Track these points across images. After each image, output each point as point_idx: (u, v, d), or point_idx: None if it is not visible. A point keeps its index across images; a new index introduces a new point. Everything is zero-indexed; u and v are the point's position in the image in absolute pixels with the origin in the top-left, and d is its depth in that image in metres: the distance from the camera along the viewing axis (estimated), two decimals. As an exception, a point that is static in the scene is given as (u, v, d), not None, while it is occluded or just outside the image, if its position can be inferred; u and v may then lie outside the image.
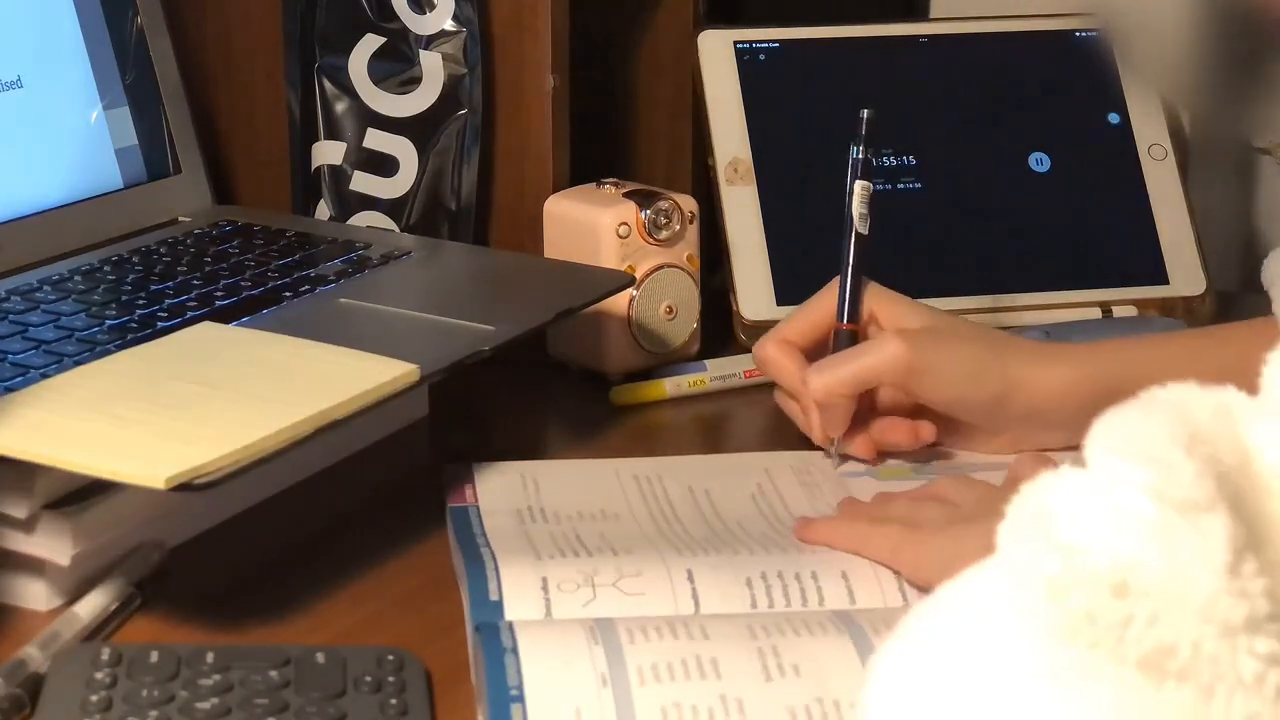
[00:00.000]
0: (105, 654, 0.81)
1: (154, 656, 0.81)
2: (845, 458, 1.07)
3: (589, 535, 0.96)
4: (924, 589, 0.87)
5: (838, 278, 1.10)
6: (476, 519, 0.98)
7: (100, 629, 0.88)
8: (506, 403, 1.19)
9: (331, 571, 0.95)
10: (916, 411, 1.07)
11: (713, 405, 1.18)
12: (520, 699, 0.77)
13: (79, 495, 0.91)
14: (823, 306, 1.10)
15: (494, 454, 1.06)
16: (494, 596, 0.88)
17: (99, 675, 0.79)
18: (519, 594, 0.88)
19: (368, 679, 0.80)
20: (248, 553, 0.98)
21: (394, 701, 0.79)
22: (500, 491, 1.01)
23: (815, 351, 1.09)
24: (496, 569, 0.90)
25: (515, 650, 0.80)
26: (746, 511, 1.00)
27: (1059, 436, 1.05)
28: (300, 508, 1.03)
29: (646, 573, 0.90)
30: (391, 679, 0.81)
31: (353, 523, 1.02)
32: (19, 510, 0.89)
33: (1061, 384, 1.04)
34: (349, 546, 0.98)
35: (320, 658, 0.82)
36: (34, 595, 0.91)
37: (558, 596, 0.88)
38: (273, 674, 0.80)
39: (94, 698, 0.78)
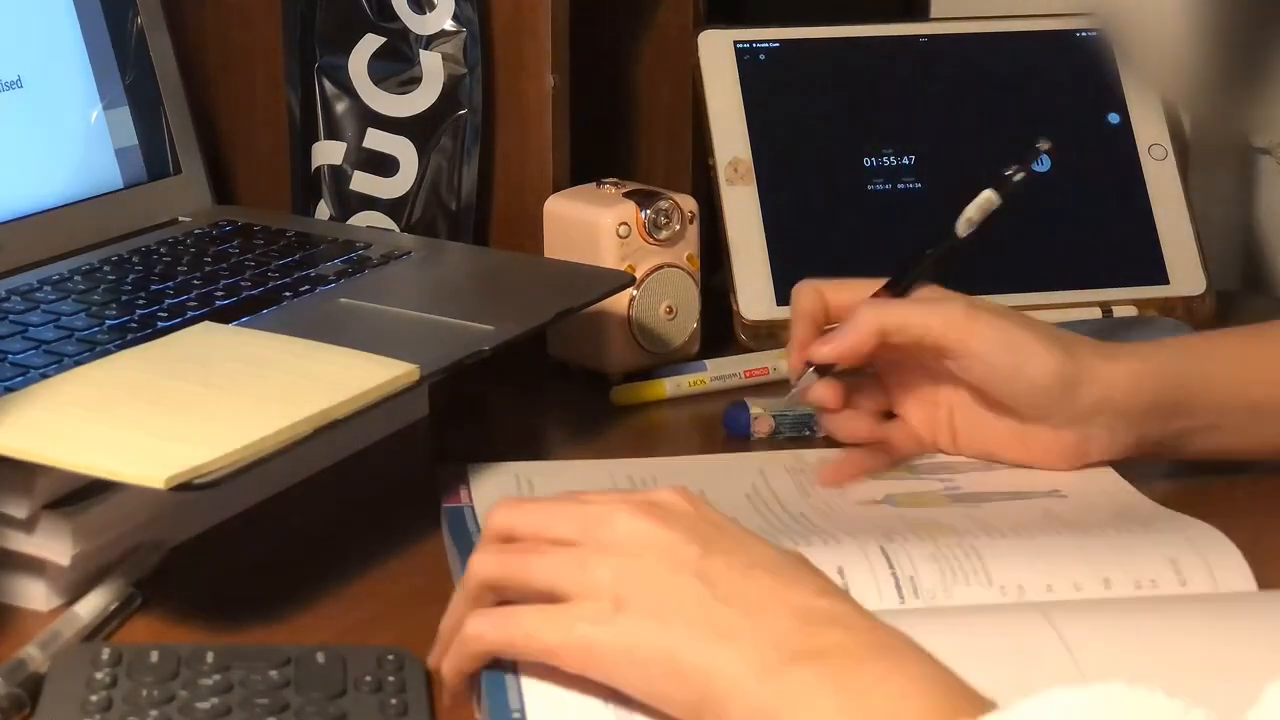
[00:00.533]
0: (105, 654, 0.81)
1: (154, 656, 0.81)
2: (805, 394, 1.04)
3: None
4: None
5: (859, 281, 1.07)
6: (471, 519, 0.98)
7: (100, 629, 0.88)
8: (506, 403, 1.19)
9: (331, 571, 0.95)
10: (949, 415, 1.04)
11: (713, 405, 1.17)
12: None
13: (79, 495, 0.91)
14: (869, 284, 1.06)
15: (494, 454, 1.06)
16: None
17: (99, 675, 0.79)
18: None
19: (368, 679, 0.80)
20: (248, 553, 0.98)
21: (394, 701, 0.79)
22: (495, 492, 1.01)
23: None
24: None
25: (515, 673, 0.78)
26: (742, 509, 1.00)
27: (1128, 443, 1.02)
28: (300, 508, 1.03)
29: None
30: (392, 679, 0.81)
31: (353, 523, 1.02)
32: (19, 510, 0.89)
33: (1132, 377, 1.00)
34: (349, 546, 0.98)
35: (320, 658, 0.81)
36: (34, 595, 0.91)
37: None
38: (273, 674, 0.80)
39: (94, 697, 0.78)
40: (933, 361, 1.03)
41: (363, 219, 1.27)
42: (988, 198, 1.07)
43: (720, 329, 1.26)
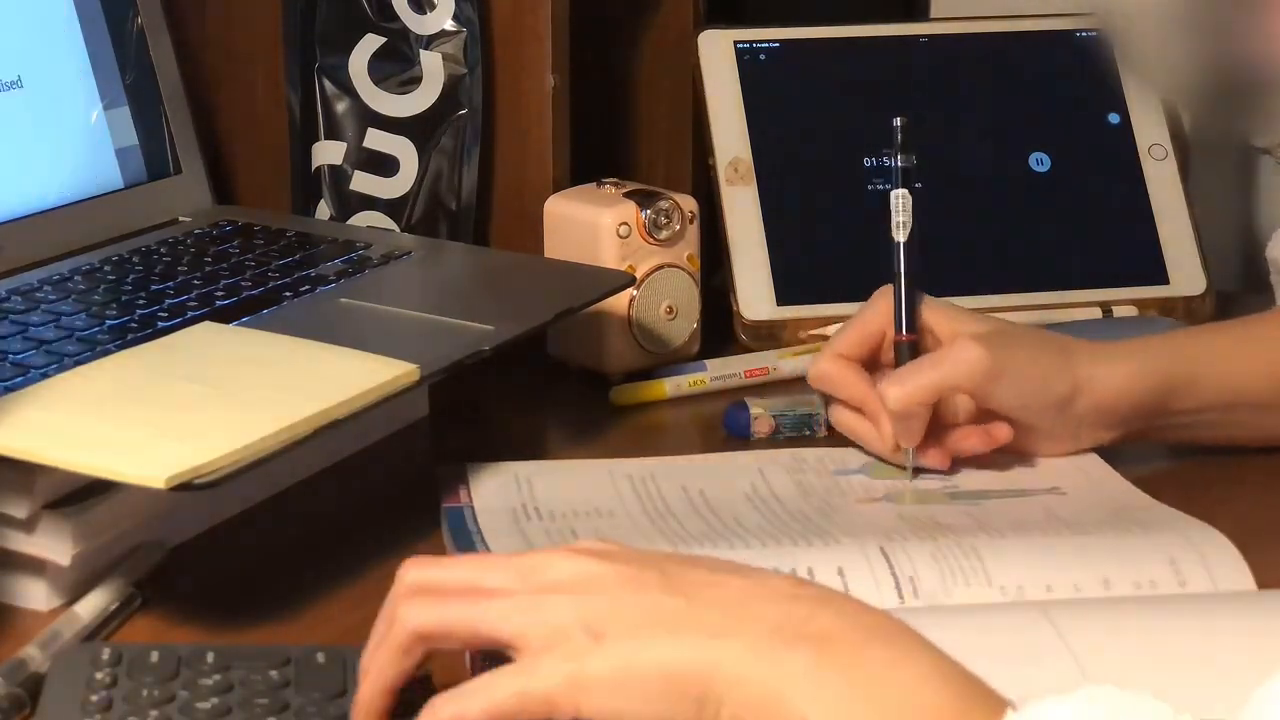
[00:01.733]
0: (105, 654, 0.81)
1: (154, 656, 0.81)
2: (919, 470, 1.05)
3: (585, 531, 0.96)
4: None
5: (885, 288, 1.07)
6: (471, 517, 0.98)
7: (100, 629, 0.88)
8: (506, 403, 1.19)
9: (331, 571, 0.95)
10: (979, 418, 1.06)
11: (713, 405, 1.17)
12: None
13: (79, 495, 0.91)
14: (874, 318, 1.07)
15: (494, 454, 1.06)
16: None
17: (99, 675, 0.79)
18: None
19: None
20: (248, 553, 0.98)
21: None
22: (495, 491, 1.01)
23: (868, 364, 1.07)
24: None
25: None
26: (742, 509, 1.00)
27: (1113, 435, 1.06)
28: (300, 508, 1.03)
29: None
30: None
31: (353, 523, 1.02)
32: (19, 510, 0.89)
33: (1124, 380, 1.04)
34: (349, 546, 0.98)
35: (321, 657, 0.81)
36: (34, 595, 0.91)
37: None
38: (273, 674, 0.80)
39: (94, 697, 0.78)
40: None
41: (363, 219, 1.27)
42: (904, 195, 1.09)
43: (720, 329, 1.26)
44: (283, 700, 0.78)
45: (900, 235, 1.08)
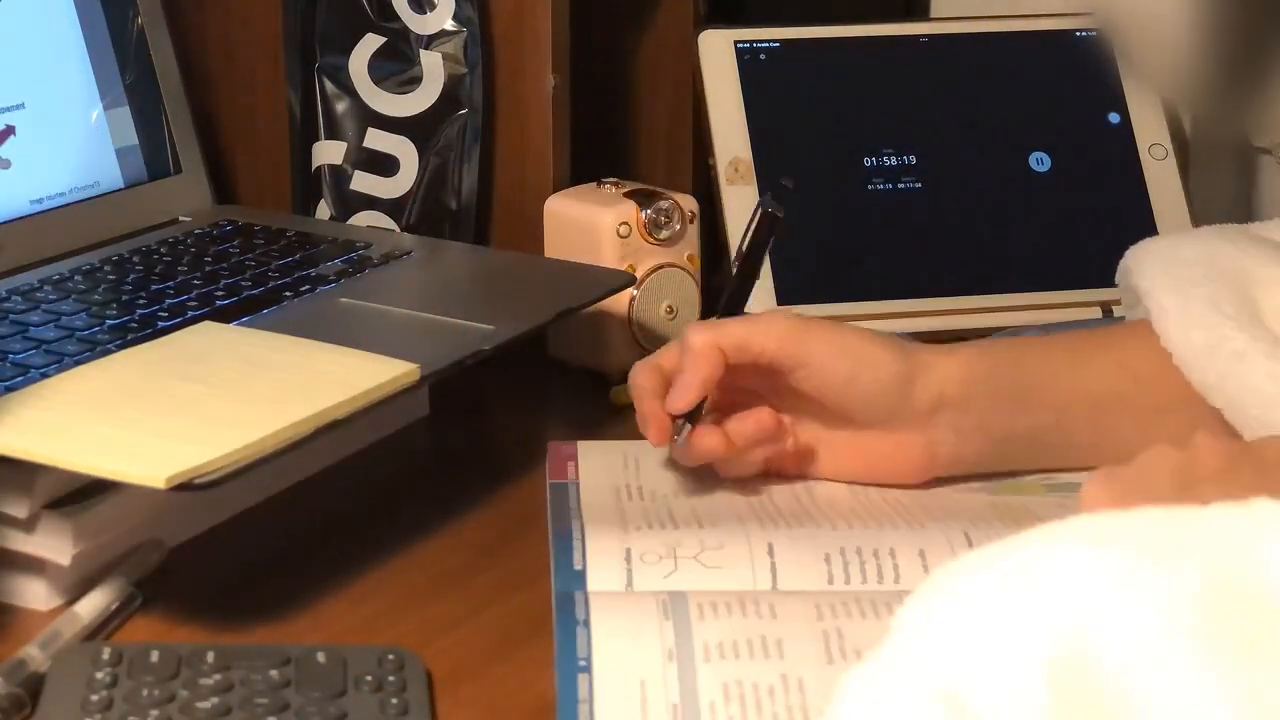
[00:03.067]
0: (106, 654, 0.81)
1: (154, 656, 0.81)
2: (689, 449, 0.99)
3: (680, 510, 0.97)
4: None
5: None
6: (575, 494, 0.99)
7: (101, 628, 0.88)
8: (506, 403, 1.19)
9: (331, 571, 0.95)
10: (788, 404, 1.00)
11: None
12: (588, 669, 0.79)
13: (79, 495, 0.91)
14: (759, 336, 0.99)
15: (494, 453, 1.06)
16: (578, 566, 0.90)
17: (99, 675, 0.80)
18: (602, 564, 0.90)
19: (368, 678, 0.80)
20: (248, 553, 0.98)
21: (394, 701, 0.79)
22: (602, 469, 1.02)
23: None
24: (583, 540, 0.92)
25: (588, 623, 0.82)
26: (839, 493, 1.00)
27: (966, 445, 0.99)
28: (300, 508, 1.03)
29: (728, 546, 0.91)
30: (392, 678, 0.81)
31: (353, 523, 1.02)
32: (19, 510, 0.90)
33: (967, 366, 0.98)
34: (349, 546, 0.98)
35: (321, 657, 0.82)
36: (34, 595, 0.91)
37: (640, 568, 0.90)
38: (273, 673, 0.80)
39: (94, 697, 0.78)
40: (767, 387, 1.00)
41: (363, 219, 1.27)
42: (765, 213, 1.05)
43: (720, 329, 1.26)
44: (283, 700, 0.78)
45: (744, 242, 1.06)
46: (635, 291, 1.19)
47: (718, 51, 1.33)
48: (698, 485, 1.00)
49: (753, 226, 1.05)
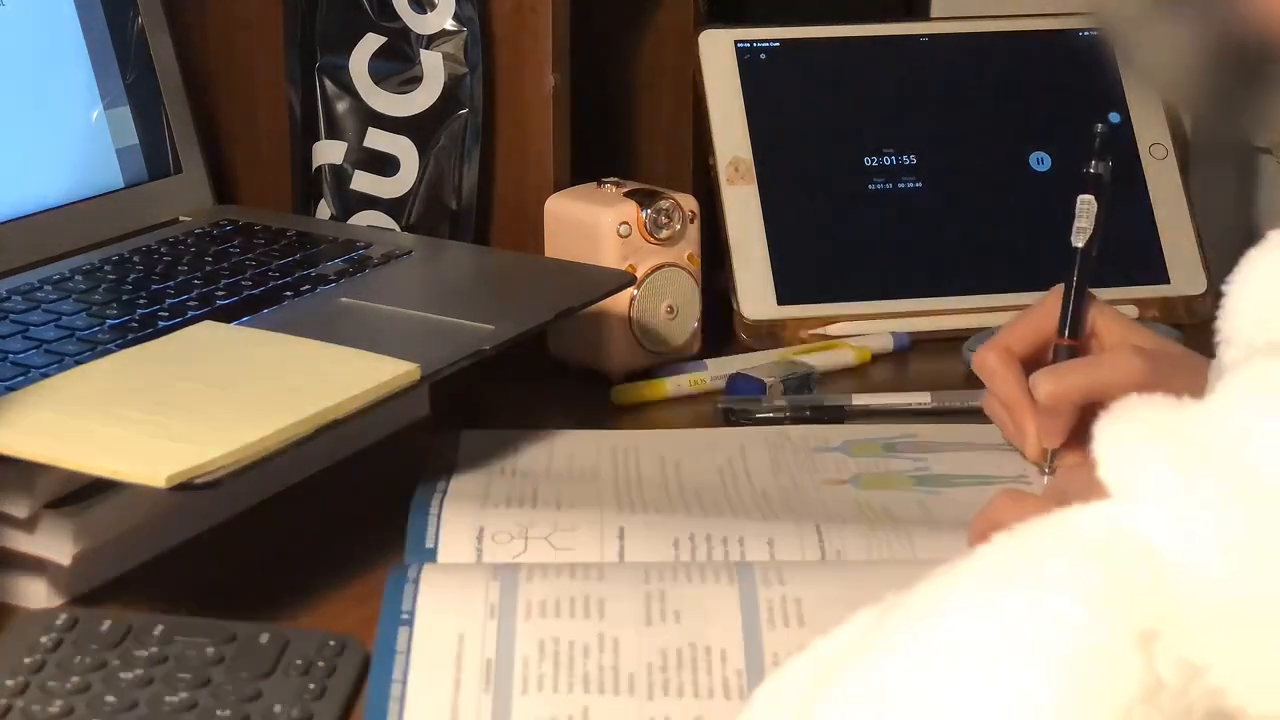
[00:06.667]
0: (61, 619, 0.82)
1: (105, 625, 0.82)
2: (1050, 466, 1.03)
3: (546, 492, 0.98)
4: None
5: (1057, 288, 1.06)
6: (447, 476, 1.00)
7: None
8: (506, 403, 1.19)
9: (332, 571, 0.95)
10: None
11: (713, 404, 1.17)
12: (410, 622, 0.81)
13: (79, 495, 0.91)
14: (1044, 316, 1.05)
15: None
16: (429, 543, 0.92)
17: (44, 639, 0.80)
18: (453, 541, 0.91)
19: (299, 662, 0.81)
20: (248, 553, 0.99)
21: (313, 686, 0.80)
22: (479, 453, 1.04)
23: (1031, 364, 1.04)
24: (439, 517, 0.94)
25: (417, 580, 0.84)
26: (709, 482, 1.01)
27: None
28: (300, 508, 1.03)
29: (581, 528, 0.93)
30: (322, 664, 0.81)
31: (353, 523, 1.02)
32: (19, 510, 0.90)
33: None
34: (349, 546, 0.98)
35: (264, 638, 0.82)
36: (34, 595, 0.91)
37: (490, 546, 0.91)
38: (209, 650, 0.81)
39: (28, 660, 0.79)
40: None
41: (363, 218, 1.27)
42: (1085, 201, 1.07)
43: (721, 328, 1.26)
44: (205, 676, 0.79)
45: (1079, 240, 1.07)
46: (635, 291, 1.19)
47: (718, 51, 1.33)
48: (570, 470, 1.02)
49: (1076, 260, 1.06)
